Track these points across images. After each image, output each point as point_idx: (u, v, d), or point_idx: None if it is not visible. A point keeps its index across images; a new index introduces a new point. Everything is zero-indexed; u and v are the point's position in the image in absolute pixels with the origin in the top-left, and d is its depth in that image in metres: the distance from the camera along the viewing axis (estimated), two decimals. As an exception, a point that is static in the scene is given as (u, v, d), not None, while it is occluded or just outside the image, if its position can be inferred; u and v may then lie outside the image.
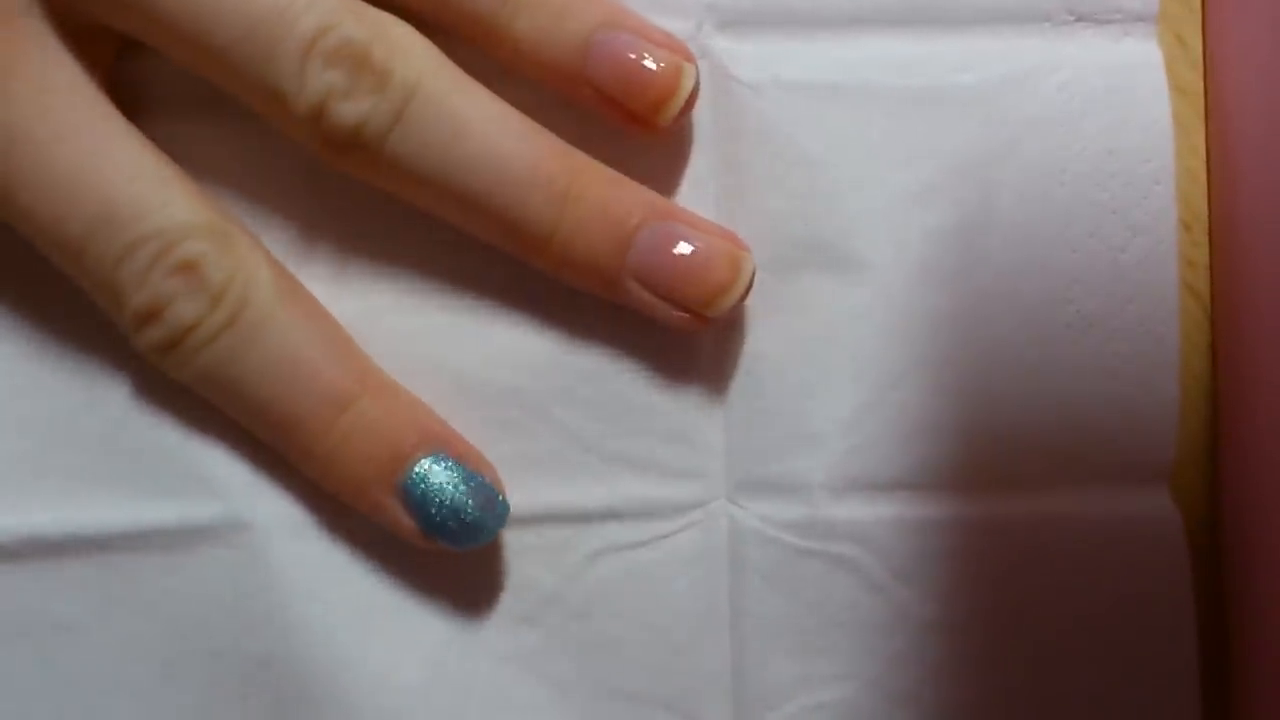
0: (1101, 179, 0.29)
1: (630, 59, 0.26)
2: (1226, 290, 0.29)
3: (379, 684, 0.28)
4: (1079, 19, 0.29)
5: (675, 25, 0.28)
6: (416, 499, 0.26)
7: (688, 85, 0.27)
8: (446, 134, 0.26)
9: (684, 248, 0.27)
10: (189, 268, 0.25)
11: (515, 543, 0.28)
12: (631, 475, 0.28)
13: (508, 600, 0.28)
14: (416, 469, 0.26)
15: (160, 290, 0.25)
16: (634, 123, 0.27)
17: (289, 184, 0.28)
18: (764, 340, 0.29)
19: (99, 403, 0.28)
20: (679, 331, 0.27)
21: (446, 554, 0.27)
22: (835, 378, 0.28)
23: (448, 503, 0.26)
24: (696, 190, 0.29)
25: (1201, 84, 0.30)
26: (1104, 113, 0.29)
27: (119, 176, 0.25)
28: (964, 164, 0.29)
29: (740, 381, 0.29)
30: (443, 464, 0.27)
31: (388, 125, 0.26)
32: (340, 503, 0.28)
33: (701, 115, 0.29)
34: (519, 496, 0.28)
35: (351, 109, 0.25)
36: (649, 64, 0.26)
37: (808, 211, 0.29)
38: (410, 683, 0.28)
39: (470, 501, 0.27)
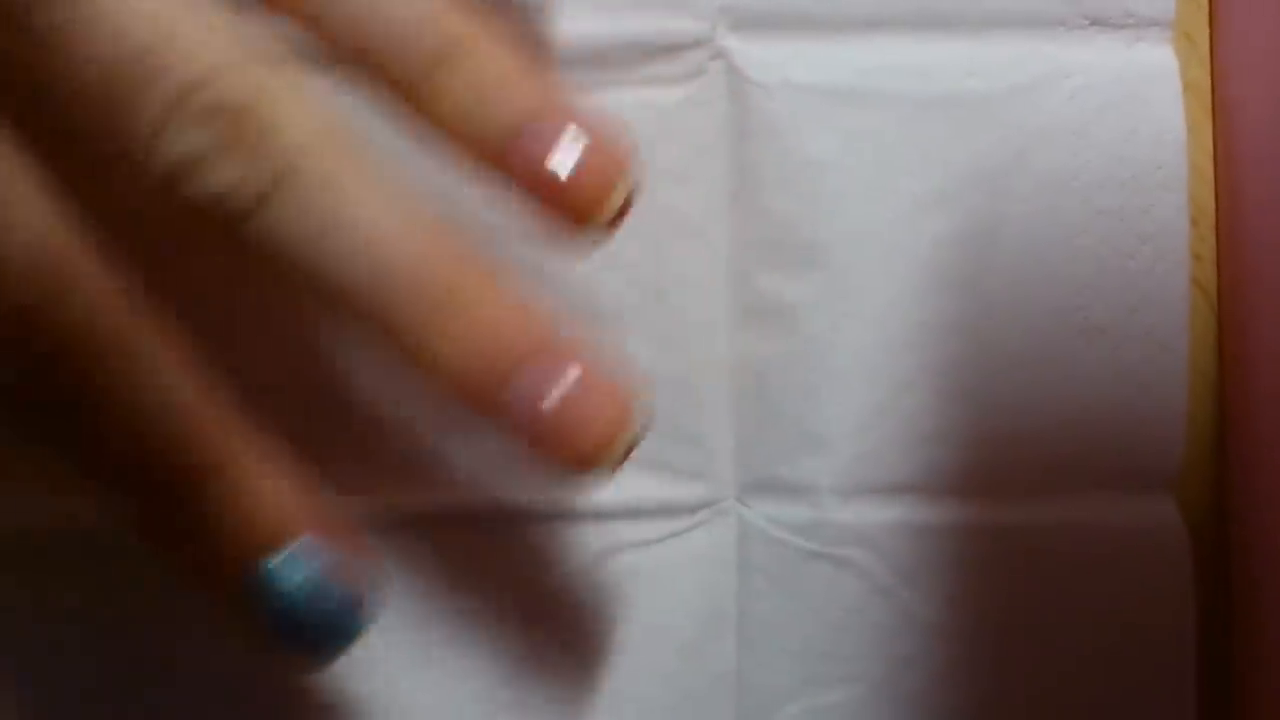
0: (1112, 186, 0.29)
1: (556, 160, 0.23)
2: (1233, 286, 0.29)
3: (378, 685, 0.28)
4: (1093, 23, 0.29)
5: (689, 26, 0.28)
6: (270, 591, 0.23)
7: (619, 196, 0.23)
8: (321, 221, 0.22)
9: (563, 402, 0.23)
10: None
11: (523, 540, 0.29)
12: (640, 474, 0.28)
13: (513, 598, 0.29)
14: (276, 557, 0.23)
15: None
16: (559, 225, 0.24)
17: None
18: (774, 342, 0.29)
19: None
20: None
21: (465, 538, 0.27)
22: (844, 381, 0.28)
23: (305, 601, 0.23)
24: (709, 190, 0.29)
25: (1209, 81, 0.30)
26: (1116, 120, 0.29)
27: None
28: (975, 170, 0.29)
29: (750, 382, 0.29)
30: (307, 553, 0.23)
31: (253, 203, 0.22)
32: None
33: (715, 116, 0.29)
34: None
35: (213, 179, 0.22)
36: (577, 168, 0.23)
37: (818, 214, 0.29)
38: (412, 683, 0.28)
39: (328, 603, 0.23)
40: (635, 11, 0.28)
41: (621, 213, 0.24)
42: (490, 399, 0.23)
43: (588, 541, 0.29)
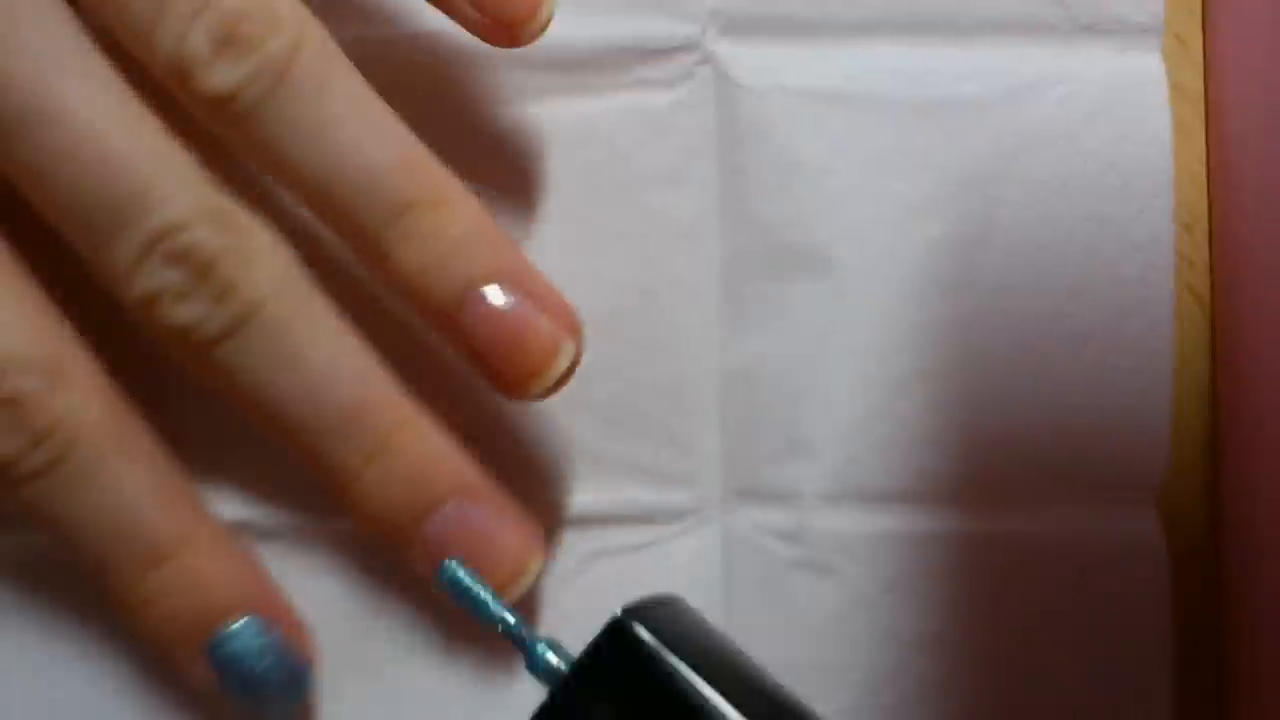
0: (1102, 193, 0.29)
1: (506, 322, 0.25)
2: (1226, 292, 0.29)
3: (369, 687, 0.28)
4: (1083, 30, 0.29)
5: (680, 29, 0.28)
6: (219, 664, 0.25)
7: (561, 365, 0.25)
8: (276, 362, 0.25)
9: (476, 539, 0.26)
10: (10, 404, 0.24)
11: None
12: (627, 480, 0.28)
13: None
14: (223, 634, 0.25)
15: None
16: (500, 386, 0.25)
17: None
18: (762, 347, 0.29)
19: None
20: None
21: None
22: (832, 387, 0.28)
23: (249, 673, 0.25)
24: (699, 194, 0.29)
25: (1202, 85, 0.29)
26: (1105, 126, 0.29)
27: None
28: (965, 175, 0.29)
29: (737, 388, 0.29)
30: (251, 630, 0.25)
31: (216, 338, 0.24)
32: (332, 511, 0.27)
33: (705, 120, 0.29)
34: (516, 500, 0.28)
35: (180, 314, 0.24)
36: (526, 332, 0.25)
37: (808, 218, 0.29)
38: (401, 685, 0.28)
39: (273, 674, 0.26)
40: (625, 15, 0.29)
41: (562, 380, 0.25)
42: (410, 535, 0.26)
43: (573, 547, 0.28)
